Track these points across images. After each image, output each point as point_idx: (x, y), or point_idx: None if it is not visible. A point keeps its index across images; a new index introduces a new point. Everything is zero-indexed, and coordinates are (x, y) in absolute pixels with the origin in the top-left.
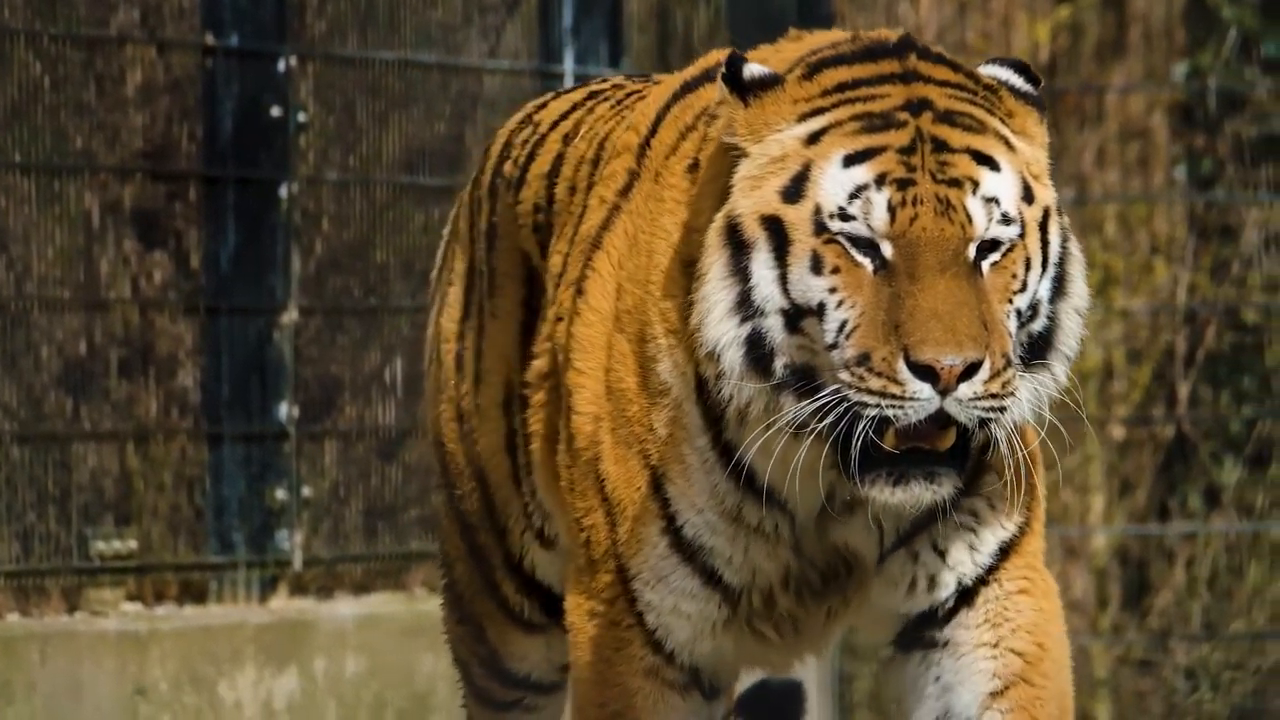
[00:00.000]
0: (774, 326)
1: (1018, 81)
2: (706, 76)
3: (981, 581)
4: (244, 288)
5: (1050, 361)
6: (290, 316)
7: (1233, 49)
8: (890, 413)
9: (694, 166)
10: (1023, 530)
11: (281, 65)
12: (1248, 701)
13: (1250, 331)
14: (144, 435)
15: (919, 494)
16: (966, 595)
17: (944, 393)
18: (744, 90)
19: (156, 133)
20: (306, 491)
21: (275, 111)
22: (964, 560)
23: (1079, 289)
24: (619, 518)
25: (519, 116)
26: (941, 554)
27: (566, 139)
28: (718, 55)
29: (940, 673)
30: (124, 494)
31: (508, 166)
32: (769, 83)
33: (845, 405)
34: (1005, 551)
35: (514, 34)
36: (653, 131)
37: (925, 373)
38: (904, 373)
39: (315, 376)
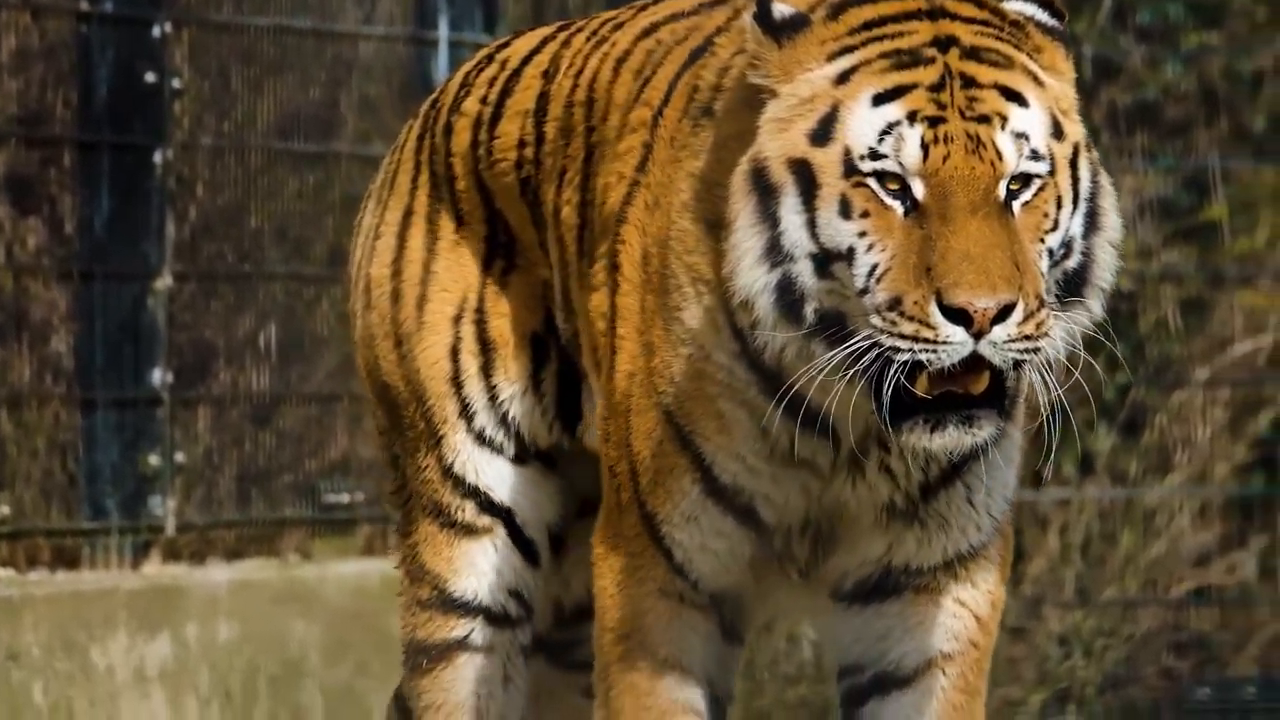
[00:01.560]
0: (804, 272)
1: (1043, 16)
2: (710, 44)
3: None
4: (118, 253)
5: (1086, 297)
6: (164, 282)
7: (1107, 16)
8: (923, 357)
9: (705, 114)
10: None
11: (156, 31)
12: (1120, 668)
13: (1124, 298)
14: (17, 400)
15: (958, 438)
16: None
17: (978, 336)
18: (776, 31)
19: (31, 98)
20: (180, 457)
21: (150, 77)
22: (993, 506)
23: (1112, 221)
24: (643, 467)
25: (476, 58)
26: (988, 493)
27: (547, 75)
28: (719, 18)
29: (884, 611)
30: None
31: (469, 104)
32: (799, 23)
33: (877, 351)
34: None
35: (389, 0)
36: (665, 102)
37: (958, 316)
38: (936, 316)
39: (189, 342)
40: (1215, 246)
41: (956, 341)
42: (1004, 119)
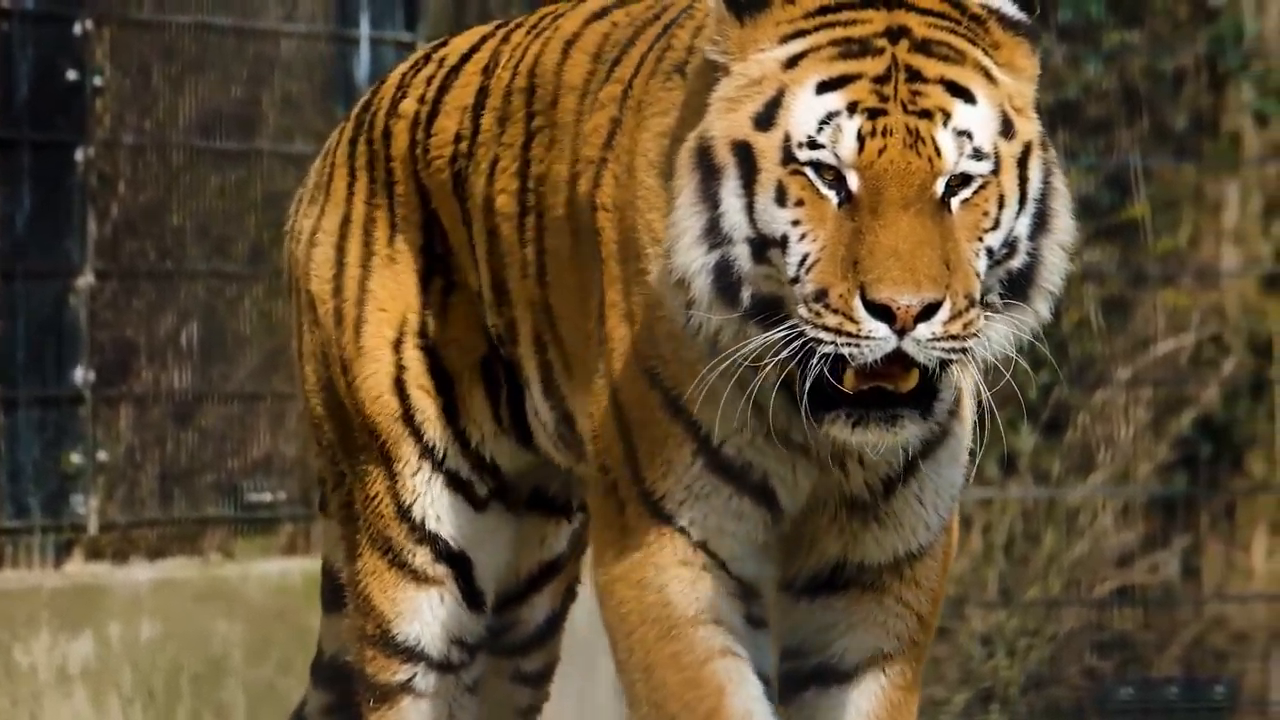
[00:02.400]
0: (741, 255)
1: (1010, 11)
2: (688, 11)
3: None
4: (39, 251)
5: (1032, 299)
6: (86, 280)
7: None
8: (846, 351)
9: (677, 71)
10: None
11: (77, 28)
12: (1043, 668)
13: None
14: None
15: (880, 436)
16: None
17: (901, 333)
18: (739, 8)
19: None
20: (102, 455)
21: (71, 75)
22: (942, 507)
23: (1063, 224)
24: (640, 438)
25: (412, 60)
26: (936, 493)
27: (487, 70)
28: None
29: (837, 619)
30: None
31: (407, 105)
32: (761, 3)
33: (802, 341)
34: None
35: None
36: (635, 73)
37: (881, 312)
38: (860, 311)
39: (111, 340)
40: (1137, 245)
41: (879, 337)
42: (947, 115)
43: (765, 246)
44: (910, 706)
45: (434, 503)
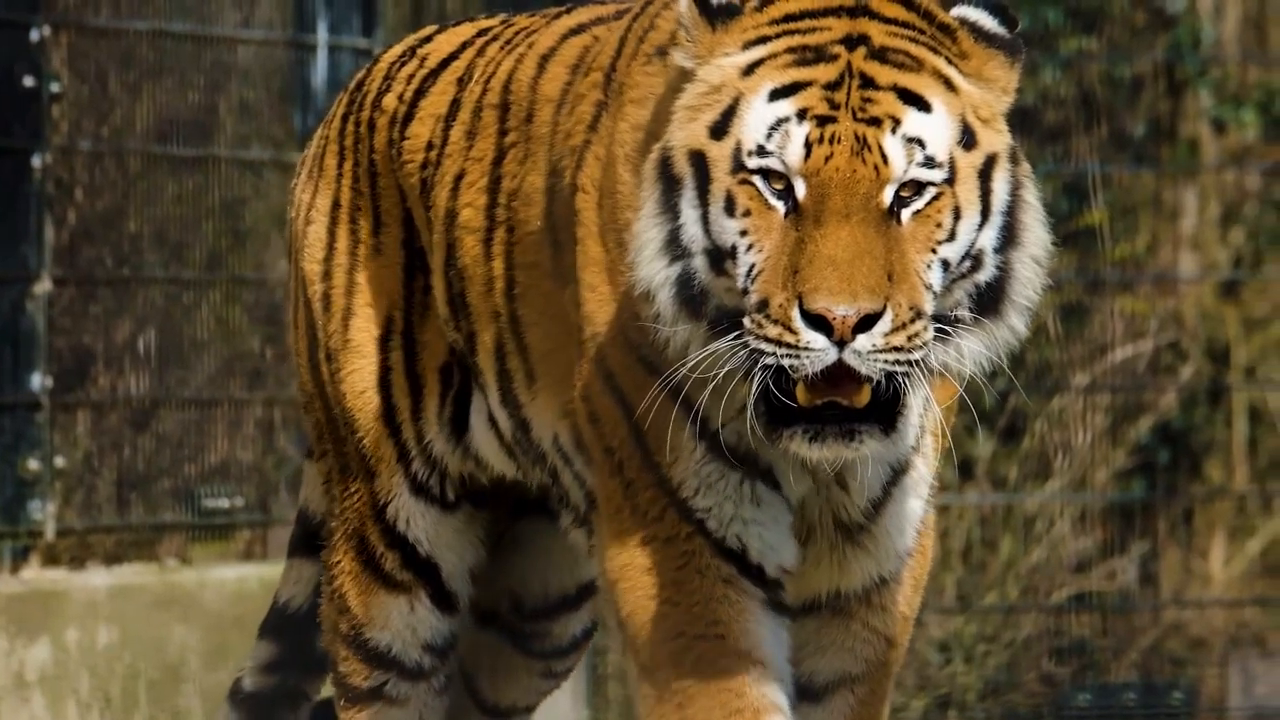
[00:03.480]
0: (701, 268)
1: (987, 23)
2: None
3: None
4: None
5: (1005, 313)
6: (43, 286)
7: None
8: (786, 362)
9: (659, 54)
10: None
11: (35, 35)
12: (1001, 674)
13: None
14: None
15: (838, 450)
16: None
17: (841, 344)
18: (711, 14)
19: None
20: (59, 461)
21: (28, 81)
22: (907, 532)
23: (1034, 237)
24: (645, 421)
25: (399, 50)
26: (908, 513)
27: (461, 82)
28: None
29: (807, 639)
30: None
31: (389, 100)
32: (731, 11)
33: (745, 352)
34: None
35: (267, 4)
36: (618, 56)
37: (818, 322)
38: (798, 321)
39: (69, 346)
40: (1094, 252)
41: (818, 348)
42: (896, 122)
43: (721, 258)
44: (879, 717)
45: (405, 505)
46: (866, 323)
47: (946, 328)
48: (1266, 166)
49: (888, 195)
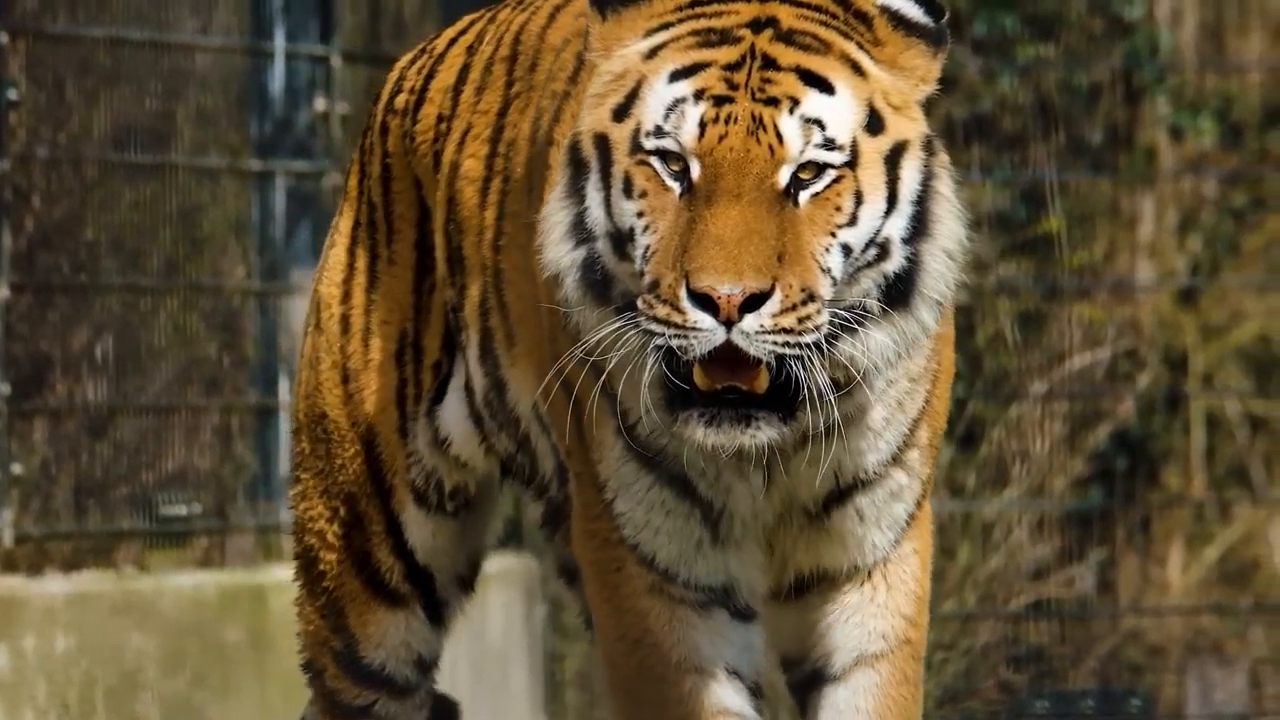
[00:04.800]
0: (605, 251)
1: (911, 12)
2: None
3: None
4: None
5: (914, 305)
6: (1, 293)
7: None
8: (675, 343)
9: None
10: (920, 500)
11: None
12: (958, 682)
13: (960, 311)
14: None
15: (734, 436)
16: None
17: (728, 324)
18: (602, 5)
19: None
20: (17, 468)
21: None
22: (893, 529)
23: (947, 230)
24: (583, 423)
25: (411, 54)
26: (876, 520)
27: (470, 49)
28: None
29: (814, 622)
30: None
31: (400, 98)
32: (626, 1)
33: (636, 332)
34: (909, 519)
35: (225, 11)
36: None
37: (704, 302)
38: (685, 301)
39: (26, 353)
40: (1052, 259)
41: (705, 328)
42: (795, 102)
43: (623, 241)
44: (913, 705)
45: (413, 515)
46: (754, 302)
47: (853, 319)
48: (1224, 173)
49: (784, 176)
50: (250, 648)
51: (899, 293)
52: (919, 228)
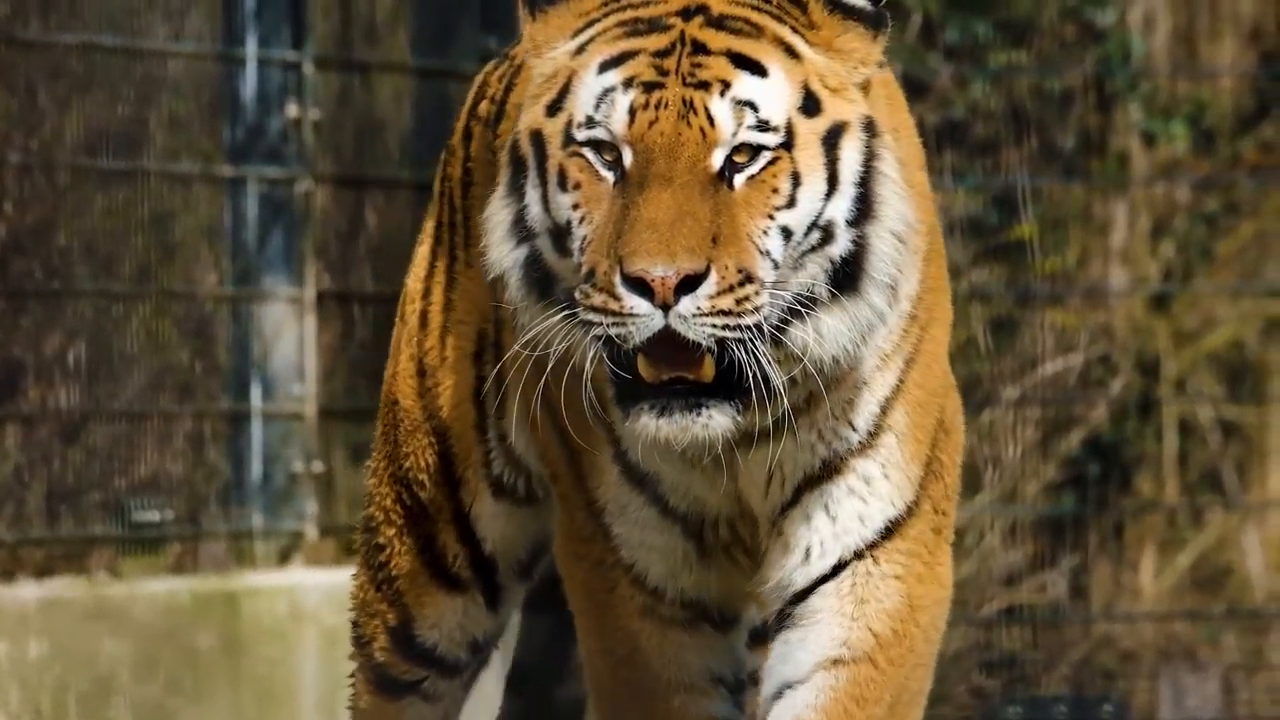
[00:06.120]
0: (546, 248)
1: None
2: None
3: (859, 556)
4: None
5: (863, 289)
6: None
7: (915, 34)
8: (613, 331)
9: None
10: (911, 510)
11: None
12: (931, 688)
13: None
14: None
15: (685, 427)
16: (840, 567)
17: (665, 308)
18: (532, 5)
19: None
20: None
21: None
22: (852, 530)
23: (893, 211)
24: (574, 446)
25: (496, 59)
26: (833, 519)
27: None
28: None
29: (789, 638)
30: None
31: (483, 106)
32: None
33: (575, 323)
34: (890, 530)
35: (197, 17)
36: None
37: (639, 286)
38: (620, 287)
39: None
40: (1024, 265)
41: (642, 314)
42: (726, 85)
43: (562, 236)
44: None
45: (488, 507)
46: (689, 284)
47: (802, 307)
48: (1196, 180)
49: (717, 159)
50: (223, 654)
51: (848, 277)
52: (864, 210)
